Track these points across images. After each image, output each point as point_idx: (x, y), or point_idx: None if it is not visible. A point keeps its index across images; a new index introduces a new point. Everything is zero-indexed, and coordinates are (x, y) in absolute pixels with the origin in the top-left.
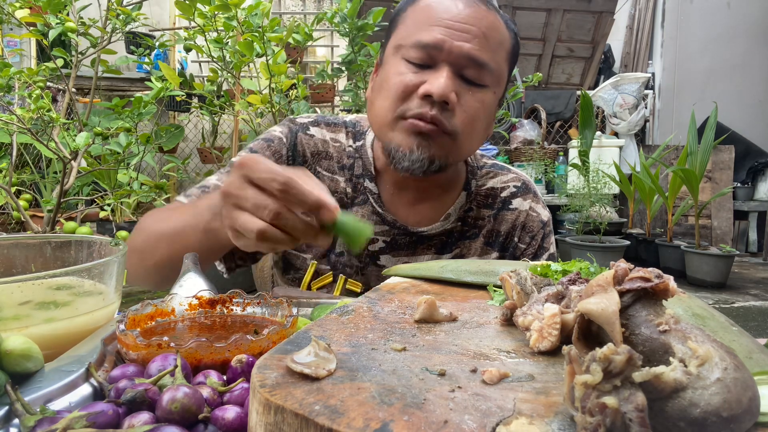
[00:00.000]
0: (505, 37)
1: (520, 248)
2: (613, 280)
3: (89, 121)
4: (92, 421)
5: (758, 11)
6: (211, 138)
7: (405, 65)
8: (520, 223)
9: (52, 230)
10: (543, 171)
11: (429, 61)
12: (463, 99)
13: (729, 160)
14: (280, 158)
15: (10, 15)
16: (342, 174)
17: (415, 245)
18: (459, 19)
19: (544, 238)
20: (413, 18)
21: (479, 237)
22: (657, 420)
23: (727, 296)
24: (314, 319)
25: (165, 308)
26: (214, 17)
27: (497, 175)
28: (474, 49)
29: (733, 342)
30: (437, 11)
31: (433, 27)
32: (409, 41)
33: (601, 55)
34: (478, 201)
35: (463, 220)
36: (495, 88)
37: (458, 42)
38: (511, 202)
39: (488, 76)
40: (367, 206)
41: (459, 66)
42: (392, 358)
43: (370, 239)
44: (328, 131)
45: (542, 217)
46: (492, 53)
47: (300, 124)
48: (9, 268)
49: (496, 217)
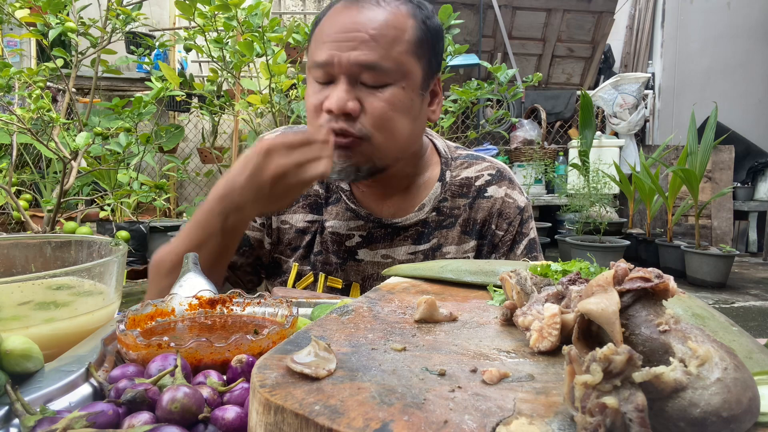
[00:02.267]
0: (401, 29)
1: (498, 235)
2: (613, 280)
3: (89, 121)
4: (92, 421)
5: (758, 11)
6: (211, 138)
7: (313, 85)
8: (497, 210)
9: (52, 230)
10: (543, 171)
11: (328, 78)
12: (367, 102)
13: (729, 160)
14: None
15: (10, 15)
16: None
17: (391, 237)
18: (345, 29)
19: (522, 223)
20: (315, 38)
21: (456, 226)
22: (657, 420)
23: (727, 296)
24: (314, 319)
25: (165, 308)
26: (214, 17)
27: (471, 165)
28: (361, 54)
29: (733, 342)
30: (328, 28)
31: (323, 44)
32: (311, 63)
33: (601, 55)
34: (452, 191)
35: (438, 210)
36: (402, 83)
37: (345, 53)
38: (486, 190)
39: (386, 75)
40: (340, 204)
41: (353, 74)
42: (392, 358)
43: (344, 235)
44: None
45: (519, 203)
46: (384, 51)
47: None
48: (9, 268)
49: (472, 205)
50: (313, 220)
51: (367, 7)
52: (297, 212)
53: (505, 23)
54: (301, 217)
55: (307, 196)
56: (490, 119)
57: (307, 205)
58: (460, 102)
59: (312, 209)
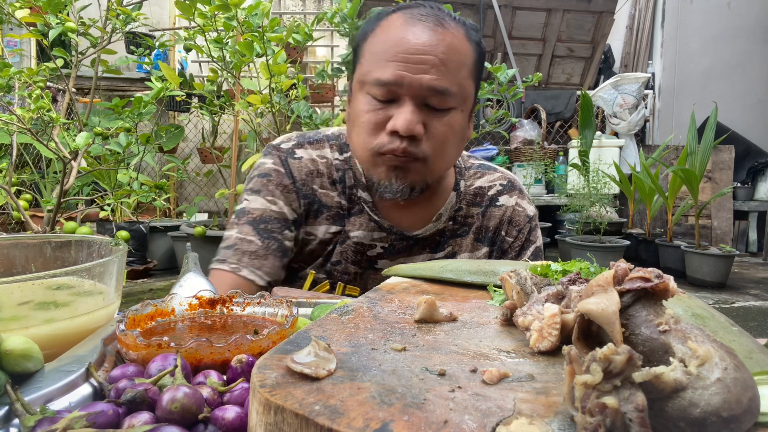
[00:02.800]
0: (465, 53)
1: (508, 241)
2: (613, 280)
3: (89, 121)
4: (92, 421)
5: (758, 11)
6: (211, 138)
7: (370, 101)
8: (507, 218)
9: (52, 230)
10: (543, 171)
11: (391, 96)
12: (431, 126)
13: (729, 160)
14: (285, 189)
15: (10, 15)
16: (334, 188)
17: (411, 248)
18: (414, 50)
19: (531, 231)
20: (371, 52)
21: (469, 234)
22: (657, 420)
23: (727, 296)
24: (314, 319)
25: (165, 308)
26: (214, 17)
27: (484, 175)
28: (433, 79)
29: (733, 342)
30: (393, 45)
31: (389, 63)
32: (370, 78)
33: (601, 55)
34: (467, 200)
35: (453, 219)
36: (461, 106)
37: (417, 75)
38: (497, 199)
39: (452, 99)
40: (363, 215)
41: (421, 97)
42: (392, 358)
43: (367, 245)
44: (313, 149)
45: (528, 212)
46: (452, 76)
47: (286, 150)
48: (9, 268)
49: (485, 214)
50: (336, 231)
51: (432, 29)
52: (321, 224)
53: (505, 23)
54: (325, 228)
55: (330, 208)
56: (490, 119)
57: (331, 216)
58: None
59: (335, 221)
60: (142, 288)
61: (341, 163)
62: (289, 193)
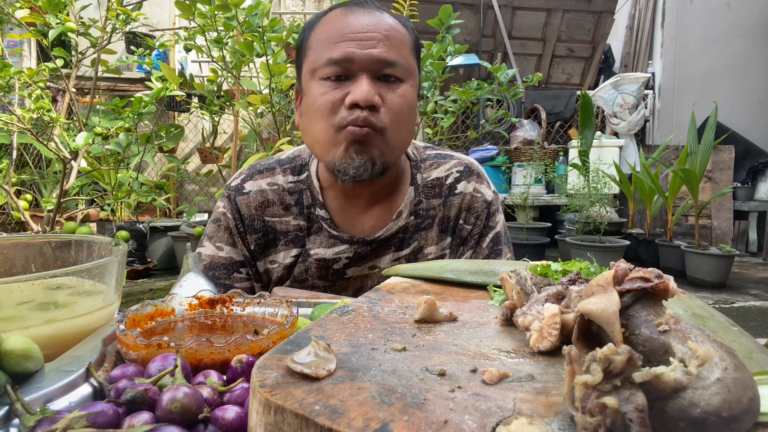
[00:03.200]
0: (404, 34)
1: (466, 229)
2: (613, 280)
3: (89, 121)
4: (92, 421)
5: (758, 11)
6: (211, 138)
7: (325, 84)
8: (465, 205)
9: (52, 230)
10: (543, 171)
11: (345, 73)
12: (386, 98)
13: (729, 160)
14: (232, 233)
15: (10, 15)
16: (289, 212)
17: (376, 250)
18: (361, 29)
19: (489, 216)
20: (318, 40)
21: (433, 226)
22: (657, 420)
23: (727, 296)
24: (314, 319)
25: (165, 308)
26: (214, 17)
27: (441, 165)
28: (382, 52)
29: (733, 342)
30: (339, 28)
31: (339, 43)
32: (321, 61)
33: (601, 55)
34: (426, 192)
35: (415, 213)
36: (410, 80)
37: (366, 50)
38: (456, 187)
39: (401, 71)
40: (322, 233)
41: (374, 70)
42: (392, 358)
43: (331, 260)
44: (262, 179)
45: (486, 196)
46: (397, 51)
47: (234, 187)
48: (9, 268)
49: (445, 204)
50: (297, 254)
51: (372, 12)
52: (281, 250)
53: (505, 23)
54: (287, 253)
55: (286, 233)
56: (490, 119)
57: (289, 240)
58: (460, 102)
59: (295, 244)
60: (142, 288)
61: (296, 185)
62: (235, 235)
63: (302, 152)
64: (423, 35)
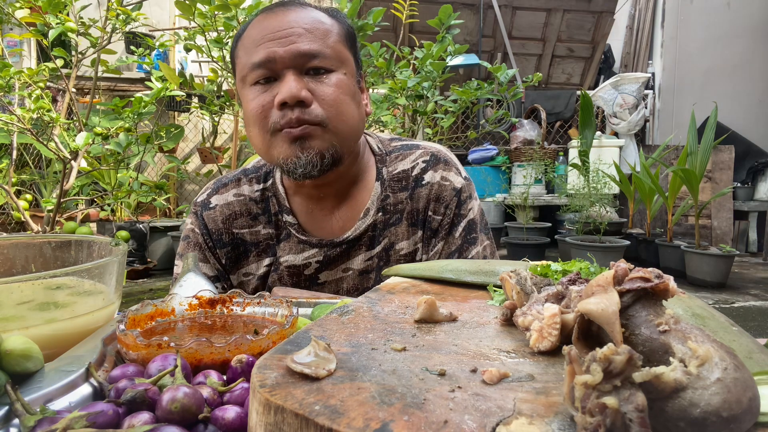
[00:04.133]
0: (329, 24)
1: (436, 220)
2: (613, 280)
3: (89, 121)
4: (92, 421)
5: (758, 11)
6: (211, 138)
7: (255, 90)
8: (434, 195)
9: (52, 230)
10: (543, 171)
11: (271, 74)
12: (317, 90)
13: (729, 160)
14: (201, 248)
15: (10, 15)
16: (257, 222)
17: (347, 251)
18: (279, 28)
19: (460, 204)
20: (243, 48)
21: (402, 221)
22: (657, 420)
23: (727, 296)
24: (314, 319)
25: (165, 308)
26: (214, 17)
27: (406, 156)
28: (303, 45)
29: (733, 342)
30: (260, 32)
31: (260, 46)
32: (247, 68)
33: (601, 55)
34: (392, 186)
35: (382, 209)
36: (342, 68)
37: (287, 47)
38: (422, 178)
39: (328, 61)
40: (291, 239)
41: (298, 66)
42: (392, 358)
43: (301, 266)
44: (227, 191)
45: (455, 183)
46: (321, 41)
47: (201, 203)
48: (9, 268)
49: (412, 196)
50: (270, 263)
51: (292, 9)
52: (253, 261)
53: (505, 23)
54: (260, 263)
55: (257, 244)
56: (490, 119)
57: (261, 251)
58: (460, 102)
59: (267, 253)
60: (142, 288)
61: (261, 194)
62: (204, 251)
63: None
64: (423, 35)
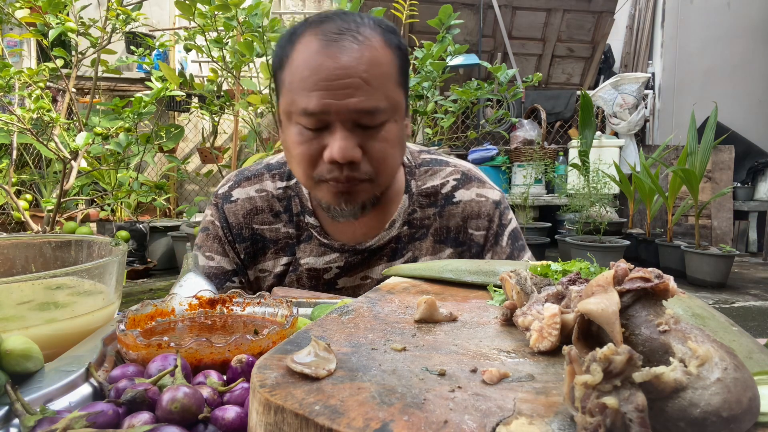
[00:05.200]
0: (387, 63)
1: (477, 236)
2: (613, 280)
3: (89, 121)
4: (92, 421)
5: (758, 11)
6: (211, 138)
7: (301, 131)
8: (470, 213)
9: (52, 230)
10: (543, 171)
11: (321, 124)
12: (368, 146)
13: (729, 160)
14: (221, 242)
15: (10, 15)
16: (279, 220)
17: (368, 260)
18: (335, 76)
19: (501, 216)
20: (292, 82)
21: (428, 236)
22: (657, 420)
23: (727, 296)
24: (314, 319)
25: (165, 308)
26: (214, 17)
27: (436, 173)
28: (360, 101)
29: (733, 342)
30: (313, 73)
31: (313, 93)
32: (297, 109)
33: (601, 55)
34: (420, 202)
35: (409, 223)
36: (394, 117)
37: (343, 101)
38: (453, 196)
39: (382, 114)
40: (312, 241)
41: (351, 121)
42: (392, 358)
43: (321, 269)
44: (249, 186)
45: (492, 197)
46: (379, 93)
47: (222, 195)
48: (9, 268)
49: (442, 214)
50: (287, 262)
51: (348, 48)
52: (270, 259)
53: (505, 23)
54: (277, 261)
55: (276, 242)
56: (490, 119)
57: (279, 249)
58: (460, 102)
59: (285, 251)
60: (142, 288)
61: (284, 192)
62: (224, 244)
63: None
64: (423, 35)
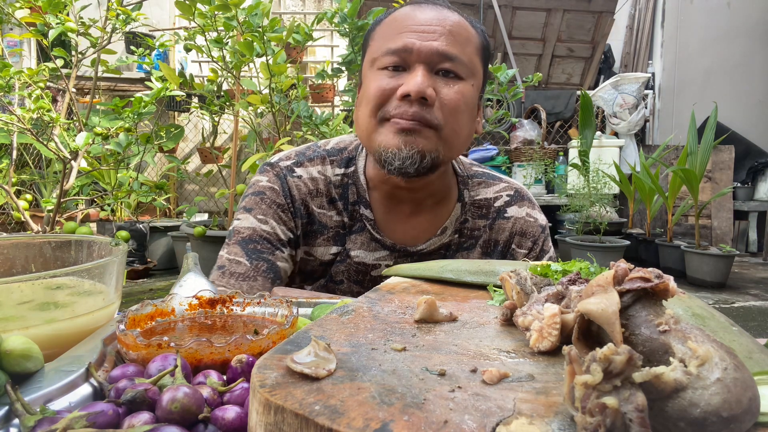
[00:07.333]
0: (471, 33)
1: (521, 254)
2: (613, 280)
3: (89, 121)
4: (92, 421)
5: (758, 11)
6: (211, 138)
7: (381, 74)
8: (518, 230)
9: (52, 230)
10: (543, 171)
11: (403, 64)
12: (442, 92)
13: (729, 160)
14: (280, 208)
15: (10, 15)
16: (333, 207)
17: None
18: (424, 22)
19: (545, 241)
20: (382, 33)
21: (476, 247)
22: (657, 420)
23: (727, 296)
24: (314, 319)
25: (165, 308)
26: (214, 17)
27: (490, 185)
28: (442, 45)
29: (733, 342)
30: (403, 21)
31: (401, 34)
32: (381, 52)
33: (601, 55)
34: (472, 212)
35: (459, 231)
36: (471, 80)
37: (427, 42)
38: (506, 211)
39: (461, 68)
40: (365, 233)
41: (432, 63)
42: (392, 358)
43: (370, 265)
44: (313, 167)
45: (540, 221)
46: (460, 47)
47: (285, 167)
48: (9, 268)
49: (492, 226)
50: (337, 252)
51: (439, 8)
52: (320, 245)
53: (505, 23)
54: (325, 249)
55: (329, 228)
56: (490, 119)
57: (330, 237)
58: None
59: (335, 240)
60: (142, 288)
61: (342, 179)
62: (283, 212)
63: (349, 145)
64: None
